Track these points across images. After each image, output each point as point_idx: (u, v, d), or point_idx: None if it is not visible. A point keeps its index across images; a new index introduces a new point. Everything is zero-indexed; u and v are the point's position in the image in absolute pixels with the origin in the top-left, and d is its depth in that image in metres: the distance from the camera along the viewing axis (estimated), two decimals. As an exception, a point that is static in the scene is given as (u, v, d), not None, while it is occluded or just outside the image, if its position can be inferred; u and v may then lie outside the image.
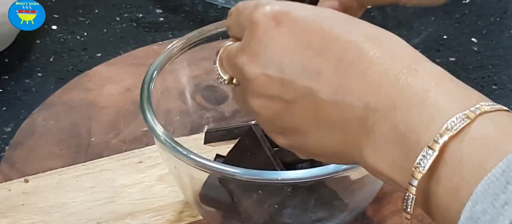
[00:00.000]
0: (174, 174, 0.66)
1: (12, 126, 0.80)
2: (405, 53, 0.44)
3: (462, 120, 0.40)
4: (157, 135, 0.62)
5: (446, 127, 0.40)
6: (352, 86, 0.44)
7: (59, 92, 0.82)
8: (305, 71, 0.45)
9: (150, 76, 0.66)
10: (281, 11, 0.46)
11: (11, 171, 0.74)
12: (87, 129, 0.78)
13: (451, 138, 0.39)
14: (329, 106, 0.45)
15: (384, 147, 0.43)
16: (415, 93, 0.42)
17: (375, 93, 0.43)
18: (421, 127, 0.41)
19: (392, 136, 0.42)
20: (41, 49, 0.90)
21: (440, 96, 0.41)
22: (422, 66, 0.43)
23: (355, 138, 0.44)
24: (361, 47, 0.44)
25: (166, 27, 0.93)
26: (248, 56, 0.47)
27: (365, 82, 0.43)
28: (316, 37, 0.45)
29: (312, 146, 0.47)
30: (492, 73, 0.87)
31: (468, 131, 0.39)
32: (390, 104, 0.42)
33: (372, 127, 0.43)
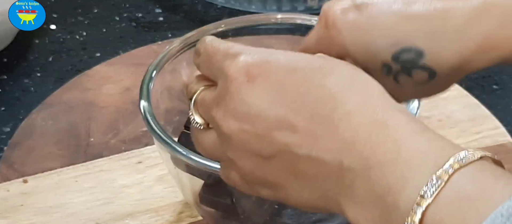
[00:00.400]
0: (174, 174, 0.66)
1: (11, 126, 0.80)
2: (376, 102, 0.44)
3: (437, 185, 0.39)
4: (156, 135, 0.62)
5: (421, 194, 0.39)
6: (326, 144, 0.44)
7: (58, 92, 0.82)
8: (281, 128, 0.45)
9: (150, 76, 0.66)
10: (254, 65, 0.46)
11: (10, 171, 0.74)
12: (86, 129, 0.78)
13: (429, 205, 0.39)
14: (306, 162, 0.45)
15: (363, 205, 0.43)
16: (386, 151, 0.42)
17: (348, 152, 0.43)
18: (397, 188, 0.41)
19: (369, 196, 0.42)
20: (40, 49, 0.90)
21: (411, 154, 0.41)
22: (392, 117, 0.43)
23: (334, 193, 0.45)
24: (332, 101, 0.44)
25: (165, 27, 0.93)
26: (224, 111, 0.47)
27: (337, 140, 0.44)
28: (288, 92, 0.45)
29: (294, 199, 0.47)
30: (493, 73, 0.86)
31: (444, 193, 0.39)
32: (364, 164, 0.42)
33: (350, 185, 0.43)
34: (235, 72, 0.47)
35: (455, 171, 0.40)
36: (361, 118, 0.43)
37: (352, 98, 0.44)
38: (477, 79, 0.85)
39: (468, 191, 0.39)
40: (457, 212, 0.39)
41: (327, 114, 0.44)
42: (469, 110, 0.79)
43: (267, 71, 0.46)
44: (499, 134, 0.76)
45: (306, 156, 0.45)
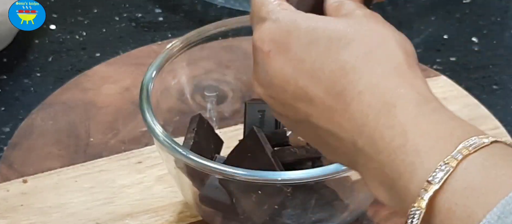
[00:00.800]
0: (174, 174, 0.66)
1: (11, 126, 0.80)
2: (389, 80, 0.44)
3: (445, 170, 0.39)
4: (156, 135, 0.62)
5: (429, 180, 0.39)
6: (340, 121, 0.45)
7: (58, 92, 0.82)
8: (301, 99, 0.46)
9: (150, 76, 0.66)
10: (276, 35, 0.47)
11: (10, 171, 0.74)
12: (86, 129, 0.78)
13: (436, 191, 0.39)
14: (326, 134, 0.46)
15: (378, 184, 0.43)
16: (394, 137, 0.42)
17: (359, 133, 0.44)
18: (406, 174, 0.41)
19: (382, 178, 0.43)
20: (39, 49, 0.90)
21: (419, 140, 0.41)
22: (402, 97, 0.43)
23: (355, 166, 0.46)
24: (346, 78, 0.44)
25: (165, 27, 0.93)
26: (255, 76, 0.49)
27: (350, 120, 0.44)
28: (307, 65, 0.46)
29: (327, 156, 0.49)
30: (493, 73, 0.86)
31: (452, 181, 0.39)
32: (374, 148, 0.43)
33: (364, 164, 0.44)
34: (258, 40, 0.48)
35: (464, 157, 0.39)
36: (371, 99, 0.43)
37: (365, 76, 0.44)
38: (477, 79, 0.85)
39: (476, 179, 0.39)
40: (465, 201, 0.39)
41: (341, 90, 0.44)
42: (469, 110, 0.79)
43: (288, 43, 0.47)
44: (499, 134, 0.76)
45: (325, 129, 0.46)
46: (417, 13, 0.96)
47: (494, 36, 0.92)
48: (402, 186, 0.41)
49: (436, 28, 0.93)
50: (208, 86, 0.75)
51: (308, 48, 0.46)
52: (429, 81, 0.82)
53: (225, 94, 0.75)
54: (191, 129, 0.67)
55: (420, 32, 0.93)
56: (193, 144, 0.65)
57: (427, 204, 0.39)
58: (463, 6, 0.96)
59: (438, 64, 0.88)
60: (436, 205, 0.39)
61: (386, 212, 0.69)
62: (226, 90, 0.75)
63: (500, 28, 0.93)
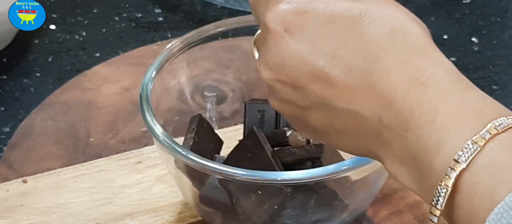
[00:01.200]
0: (173, 174, 0.66)
1: (10, 126, 0.80)
2: (417, 58, 0.43)
3: (472, 150, 0.39)
4: (156, 135, 0.62)
5: (455, 159, 0.39)
6: (364, 99, 0.43)
7: (57, 92, 0.82)
8: (318, 81, 0.44)
9: (149, 76, 0.66)
10: (291, 15, 0.45)
11: (9, 171, 0.74)
12: (86, 129, 0.78)
13: (462, 170, 0.39)
14: (345, 116, 0.44)
15: (400, 162, 0.43)
16: (424, 113, 0.41)
17: (387, 109, 0.42)
18: (432, 150, 0.40)
19: (406, 155, 0.42)
20: (39, 49, 0.90)
21: (448, 117, 0.41)
22: (432, 75, 0.42)
23: (374, 147, 0.44)
24: (372, 55, 0.43)
25: (165, 27, 0.93)
26: (262, 60, 0.47)
27: (376, 96, 0.43)
28: (326, 44, 0.44)
29: (335, 145, 0.47)
30: (492, 73, 0.87)
31: (477, 160, 0.39)
32: (402, 124, 0.42)
33: (388, 142, 0.43)
34: (272, 21, 0.46)
35: (492, 137, 0.39)
36: (401, 75, 0.42)
37: (393, 52, 0.43)
38: (476, 80, 0.85)
39: (501, 159, 0.39)
40: (488, 180, 0.38)
41: (366, 68, 0.43)
42: (469, 111, 0.79)
43: (305, 22, 0.45)
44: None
45: (345, 109, 0.44)
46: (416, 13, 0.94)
47: (494, 36, 0.92)
48: (426, 163, 0.41)
49: (436, 28, 0.93)
50: (208, 86, 0.75)
51: (328, 27, 0.44)
52: (429, 81, 0.83)
53: (225, 94, 0.75)
54: (191, 129, 0.67)
55: (420, 32, 0.93)
56: (193, 144, 0.65)
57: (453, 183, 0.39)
58: (463, 6, 0.96)
59: (438, 64, 0.88)
60: (459, 182, 0.39)
61: (386, 212, 0.69)
62: (226, 90, 0.75)
63: (500, 29, 0.93)
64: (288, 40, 0.45)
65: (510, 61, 0.88)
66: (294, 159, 0.65)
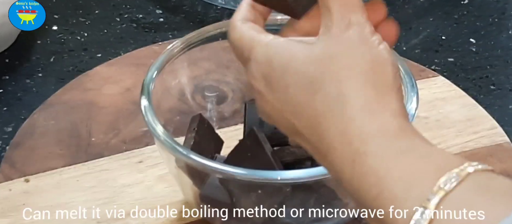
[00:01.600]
0: (174, 174, 0.66)
1: (13, 126, 0.80)
2: (356, 127, 0.44)
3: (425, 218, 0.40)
4: (157, 135, 0.62)
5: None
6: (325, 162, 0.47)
7: (59, 92, 0.83)
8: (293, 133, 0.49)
9: (150, 76, 0.66)
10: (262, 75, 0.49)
11: (12, 170, 0.74)
12: (87, 129, 0.78)
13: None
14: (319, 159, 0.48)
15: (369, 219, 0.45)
16: (371, 186, 0.43)
17: (341, 181, 0.45)
18: (388, 221, 0.42)
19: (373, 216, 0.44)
20: (41, 49, 0.90)
21: (394, 186, 0.42)
22: (371, 144, 0.43)
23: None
24: (319, 127, 0.46)
25: (166, 27, 0.93)
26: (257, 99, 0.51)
27: (331, 170, 0.46)
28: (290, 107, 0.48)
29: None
30: (490, 73, 0.87)
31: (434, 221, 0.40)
32: (356, 196, 0.44)
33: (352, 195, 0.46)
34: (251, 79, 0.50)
35: (441, 200, 0.40)
36: (343, 149, 0.45)
37: (334, 124, 0.45)
38: (474, 80, 0.86)
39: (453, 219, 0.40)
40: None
41: (320, 133, 0.46)
42: (467, 111, 0.79)
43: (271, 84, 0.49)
44: (496, 134, 0.77)
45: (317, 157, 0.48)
46: (415, 14, 0.96)
47: (492, 37, 0.92)
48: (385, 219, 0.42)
49: (434, 29, 0.93)
50: (208, 87, 0.75)
51: (288, 90, 0.48)
52: (427, 81, 0.84)
53: (225, 94, 0.76)
54: (191, 129, 0.67)
55: (418, 33, 0.93)
56: (193, 143, 0.65)
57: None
58: (461, 7, 0.96)
59: (436, 64, 0.88)
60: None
61: (384, 211, 0.69)
62: (226, 90, 0.76)
63: (497, 29, 0.94)
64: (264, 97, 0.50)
65: (508, 62, 0.89)
66: (294, 159, 0.66)
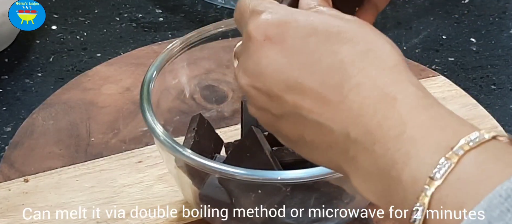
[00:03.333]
0: (174, 173, 0.67)
1: (12, 125, 0.80)
2: (388, 75, 0.44)
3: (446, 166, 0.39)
4: (156, 135, 0.62)
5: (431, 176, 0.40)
6: (334, 113, 0.44)
7: (59, 92, 0.83)
8: (291, 91, 0.46)
9: (150, 76, 0.67)
10: (272, 25, 0.47)
11: (11, 170, 0.74)
12: (87, 129, 0.78)
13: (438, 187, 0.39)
14: (314, 128, 0.45)
15: (366, 178, 0.43)
16: (392, 127, 0.42)
17: (355, 124, 0.43)
18: (400, 164, 0.41)
19: (373, 169, 0.42)
20: (41, 49, 0.90)
21: (417, 131, 0.41)
22: (402, 91, 0.43)
23: (341, 163, 0.45)
24: (344, 71, 0.44)
25: (165, 27, 0.94)
26: (241, 67, 0.48)
27: (345, 111, 0.44)
28: (303, 57, 0.45)
29: (307, 157, 0.48)
30: (491, 73, 0.87)
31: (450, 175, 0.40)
32: (370, 138, 0.42)
33: (354, 157, 0.43)
34: (253, 30, 0.47)
35: (465, 153, 0.40)
36: (371, 90, 0.43)
37: (364, 70, 0.44)
38: (475, 80, 0.86)
39: (470, 173, 0.39)
40: (457, 194, 0.39)
41: (338, 82, 0.44)
42: (467, 110, 0.79)
43: (285, 33, 0.46)
44: (497, 133, 0.77)
45: (314, 122, 0.45)
46: (415, 14, 0.96)
47: (492, 36, 0.92)
48: (394, 177, 0.41)
49: (435, 29, 0.93)
50: (208, 86, 0.75)
51: (306, 40, 0.46)
52: (428, 81, 0.84)
53: (225, 94, 0.76)
54: (191, 129, 0.67)
55: (418, 33, 0.93)
56: (193, 143, 0.65)
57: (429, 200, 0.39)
58: (462, 7, 0.97)
59: (437, 64, 0.88)
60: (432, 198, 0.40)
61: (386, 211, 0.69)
62: (226, 90, 0.76)
63: (498, 29, 0.94)
64: (267, 49, 0.46)
65: (509, 61, 0.89)
66: (293, 159, 0.66)
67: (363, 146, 0.43)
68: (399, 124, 0.42)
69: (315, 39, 0.46)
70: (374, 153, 0.42)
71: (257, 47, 0.47)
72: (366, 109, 0.43)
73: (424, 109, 0.42)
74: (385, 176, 0.42)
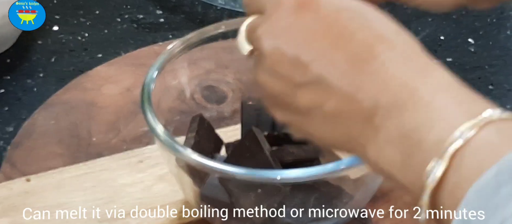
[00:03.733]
0: (174, 173, 0.67)
1: (14, 125, 0.80)
2: (418, 59, 0.44)
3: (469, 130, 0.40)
4: (157, 135, 0.62)
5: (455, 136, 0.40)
6: (364, 83, 0.44)
7: (60, 92, 0.83)
8: (321, 59, 0.45)
9: (151, 76, 0.67)
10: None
11: (12, 170, 0.74)
12: (88, 129, 0.78)
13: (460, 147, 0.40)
14: (339, 97, 0.45)
15: (387, 144, 0.43)
16: (423, 95, 0.42)
17: (386, 92, 0.43)
18: (425, 128, 0.42)
19: (396, 134, 0.43)
20: (42, 49, 0.90)
21: (446, 101, 0.42)
22: (433, 72, 0.44)
23: (358, 133, 0.45)
24: (376, 47, 0.44)
25: (166, 27, 0.94)
26: (268, 28, 0.47)
27: (377, 81, 0.44)
28: (336, 28, 0.45)
29: (312, 130, 0.47)
30: (489, 73, 0.87)
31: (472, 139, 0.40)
32: (400, 104, 0.43)
33: (378, 125, 0.44)
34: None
35: (488, 122, 0.40)
36: (405, 64, 0.44)
37: (396, 49, 0.45)
38: (473, 80, 0.86)
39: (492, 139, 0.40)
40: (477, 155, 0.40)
41: (369, 57, 0.44)
42: (466, 111, 0.79)
43: (319, 5, 0.46)
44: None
45: (342, 90, 0.44)
46: (414, 14, 0.96)
47: (490, 37, 0.92)
48: (416, 140, 0.42)
49: (433, 29, 0.93)
50: (208, 87, 0.75)
51: (341, 13, 0.46)
52: (426, 81, 0.83)
53: (225, 94, 0.76)
54: (192, 129, 0.67)
55: (417, 33, 0.93)
56: (193, 143, 0.66)
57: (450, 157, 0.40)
58: (460, 7, 0.97)
59: (435, 64, 0.88)
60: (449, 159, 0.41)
61: (384, 210, 0.70)
62: (226, 90, 0.76)
63: (496, 29, 0.94)
64: (300, 15, 0.46)
65: (507, 62, 0.89)
66: (292, 159, 0.66)
67: (392, 113, 0.43)
68: (430, 93, 0.42)
69: (350, 15, 0.46)
70: (402, 118, 0.42)
71: (289, 12, 0.46)
72: (400, 80, 0.43)
73: (453, 85, 0.43)
74: (407, 140, 0.42)
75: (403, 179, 0.43)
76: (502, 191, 0.37)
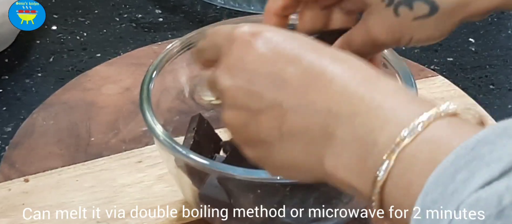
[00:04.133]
0: (174, 173, 0.67)
1: (12, 125, 0.80)
2: (367, 71, 0.46)
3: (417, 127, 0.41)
4: (156, 135, 0.62)
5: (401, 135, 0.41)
6: (316, 97, 0.46)
7: (59, 92, 0.83)
8: (273, 83, 0.47)
9: (150, 76, 0.67)
10: (258, 30, 0.48)
11: (11, 170, 0.74)
12: (87, 129, 0.79)
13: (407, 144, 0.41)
14: (293, 115, 0.46)
15: (343, 151, 0.44)
16: (374, 99, 0.44)
17: (338, 101, 0.45)
18: (378, 129, 0.43)
19: (351, 139, 0.44)
20: (41, 49, 0.90)
21: (396, 102, 0.43)
22: (380, 80, 0.45)
23: (316, 146, 0.46)
24: (325, 65, 0.46)
25: (165, 27, 0.94)
26: (223, 68, 0.49)
27: (328, 93, 0.45)
28: (286, 53, 0.47)
29: (276, 157, 0.48)
30: (489, 73, 0.87)
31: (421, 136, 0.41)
32: (351, 110, 0.44)
33: (333, 132, 0.45)
34: (240, 33, 0.49)
35: (436, 118, 0.41)
36: (354, 76, 0.45)
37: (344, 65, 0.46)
38: (474, 80, 0.86)
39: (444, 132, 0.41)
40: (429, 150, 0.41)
41: (320, 73, 0.46)
42: (466, 110, 0.79)
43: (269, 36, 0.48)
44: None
45: (295, 106, 0.46)
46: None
47: (491, 36, 0.93)
48: (370, 141, 0.43)
49: (434, 29, 0.93)
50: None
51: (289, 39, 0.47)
52: (427, 81, 0.84)
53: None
54: (191, 129, 0.67)
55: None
56: (193, 143, 0.66)
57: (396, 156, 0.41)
58: (461, 7, 0.97)
59: (436, 64, 0.88)
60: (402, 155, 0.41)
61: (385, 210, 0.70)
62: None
63: (496, 29, 0.94)
64: (253, 44, 0.48)
65: (507, 61, 0.89)
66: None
67: (344, 119, 0.44)
68: (380, 97, 0.44)
69: (297, 42, 0.47)
70: (355, 123, 0.44)
71: (242, 45, 0.48)
72: (350, 89, 0.45)
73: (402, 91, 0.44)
74: (361, 143, 0.43)
75: (361, 185, 0.44)
76: (457, 177, 0.38)
